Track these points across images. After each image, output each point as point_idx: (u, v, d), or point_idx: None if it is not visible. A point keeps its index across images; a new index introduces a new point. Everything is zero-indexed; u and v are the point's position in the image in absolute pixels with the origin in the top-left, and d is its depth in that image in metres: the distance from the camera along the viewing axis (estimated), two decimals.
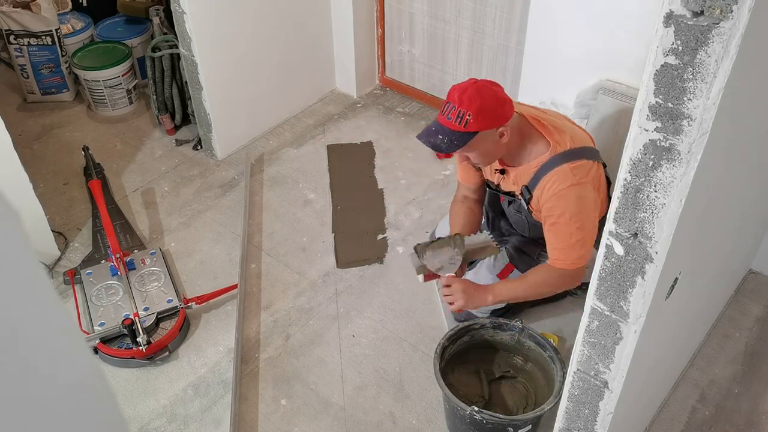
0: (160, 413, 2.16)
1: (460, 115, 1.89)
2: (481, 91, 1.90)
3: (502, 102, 1.92)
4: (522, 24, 2.79)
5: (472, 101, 1.88)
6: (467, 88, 1.92)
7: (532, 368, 2.12)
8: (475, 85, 1.92)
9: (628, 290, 1.23)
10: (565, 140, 1.98)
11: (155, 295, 2.44)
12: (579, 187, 1.94)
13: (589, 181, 1.96)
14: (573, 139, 1.99)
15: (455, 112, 1.90)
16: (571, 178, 1.93)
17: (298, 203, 2.93)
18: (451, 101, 1.93)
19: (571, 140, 1.98)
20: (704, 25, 0.92)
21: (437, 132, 1.94)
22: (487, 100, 1.89)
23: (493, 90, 1.93)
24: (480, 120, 1.89)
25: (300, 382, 2.24)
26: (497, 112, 1.91)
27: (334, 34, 3.41)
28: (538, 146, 2.01)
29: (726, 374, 2.23)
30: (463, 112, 1.89)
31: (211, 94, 2.96)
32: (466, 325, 2.09)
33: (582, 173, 1.95)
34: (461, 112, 1.89)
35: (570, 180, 1.93)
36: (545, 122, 2.02)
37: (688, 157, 1.03)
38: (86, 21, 3.70)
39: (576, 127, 2.11)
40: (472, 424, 1.88)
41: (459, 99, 1.90)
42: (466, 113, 1.88)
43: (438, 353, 1.98)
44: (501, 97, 1.93)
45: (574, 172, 1.94)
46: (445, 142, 1.92)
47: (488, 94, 1.91)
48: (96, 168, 3.03)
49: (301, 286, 2.56)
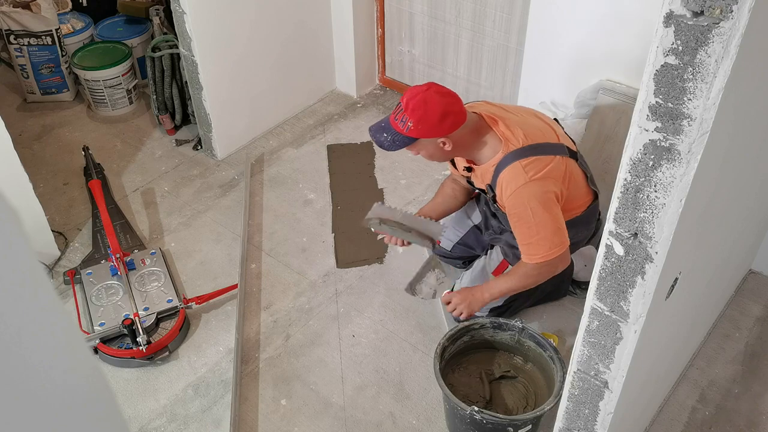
0: (160, 413, 2.16)
1: (403, 120, 1.96)
2: (427, 102, 1.94)
3: (443, 116, 1.94)
4: (522, 24, 2.79)
5: (416, 110, 1.94)
6: (417, 94, 1.96)
7: (532, 368, 2.12)
8: (425, 94, 1.95)
9: (628, 290, 1.23)
10: (518, 137, 2.00)
11: (155, 295, 2.44)
12: (534, 183, 1.95)
13: (546, 176, 1.97)
14: (527, 136, 2.00)
15: (401, 116, 1.97)
16: (523, 176, 1.95)
17: (298, 203, 2.93)
18: (401, 102, 1.99)
19: (524, 137, 2.00)
20: (704, 25, 0.92)
21: (384, 129, 2.02)
22: (429, 112, 1.93)
23: (440, 102, 1.94)
24: (419, 129, 1.95)
25: (300, 382, 2.24)
26: (436, 125, 1.94)
27: (334, 34, 3.41)
28: (493, 146, 2.03)
29: (726, 374, 2.23)
30: (407, 118, 1.95)
31: (211, 94, 2.96)
32: (466, 325, 2.09)
33: (535, 169, 1.96)
34: (405, 117, 1.96)
35: (523, 178, 1.95)
36: (500, 121, 2.03)
37: (688, 157, 1.03)
38: (86, 21, 3.70)
39: (540, 123, 2.10)
40: (472, 424, 1.88)
41: (406, 104, 1.96)
42: (409, 120, 1.95)
43: (438, 353, 1.98)
44: (446, 111, 1.94)
45: (526, 169, 1.95)
46: (388, 140, 2.00)
47: (433, 106, 1.93)
48: (96, 168, 3.03)
49: (301, 286, 2.56)
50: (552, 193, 1.98)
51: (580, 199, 2.12)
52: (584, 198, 2.14)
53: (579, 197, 2.12)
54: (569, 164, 2.04)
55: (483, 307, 2.24)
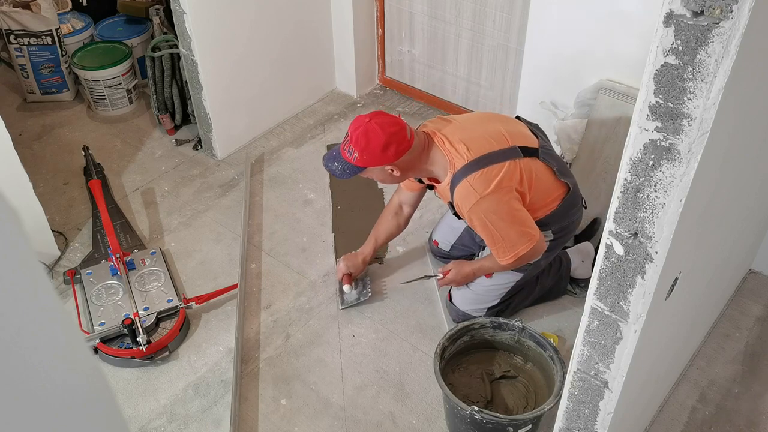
0: (160, 413, 2.16)
1: (350, 150, 2.03)
2: (369, 134, 1.99)
3: (386, 146, 1.99)
4: (522, 24, 2.79)
5: (359, 141, 2.01)
6: (360, 125, 2.02)
7: (532, 368, 2.12)
8: (366, 125, 2.01)
9: (628, 290, 1.23)
10: (462, 153, 2.03)
11: (155, 295, 2.44)
12: (485, 199, 1.99)
13: (498, 187, 1.99)
14: (471, 150, 2.02)
15: (347, 146, 2.04)
16: (474, 194, 1.99)
17: (298, 203, 2.93)
18: (348, 132, 2.06)
19: (468, 151, 2.02)
20: (704, 25, 0.92)
21: (335, 158, 2.09)
22: (371, 144, 1.99)
23: (382, 133, 1.99)
24: (365, 158, 2.02)
25: (300, 382, 2.24)
26: (380, 155, 2.00)
27: (334, 33, 3.41)
28: (443, 165, 2.07)
29: (726, 374, 2.23)
30: (352, 148, 2.02)
31: (211, 94, 2.96)
32: (466, 325, 2.09)
33: (485, 182, 1.99)
34: (351, 148, 2.03)
35: (474, 196, 2.00)
36: (444, 139, 2.07)
37: (688, 156, 1.03)
38: (86, 21, 3.70)
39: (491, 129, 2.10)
40: (472, 423, 1.88)
41: (351, 134, 2.03)
42: (354, 150, 2.02)
43: (438, 353, 1.98)
44: (387, 142, 1.99)
45: (475, 186, 1.99)
46: (339, 169, 2.08)
47: (374, 137, 1.99)
48: (96, 168, 3.03)
49: (302, 286, 2.56)
50: (506, 202, 2.01)
51: (550, 195, 2.14)
52: (556, 192, 2.15)
53: (548, 193, 2.13)
54: (526, 164, 2.04)
55: (477, 302, 2.31)
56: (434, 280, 2.47)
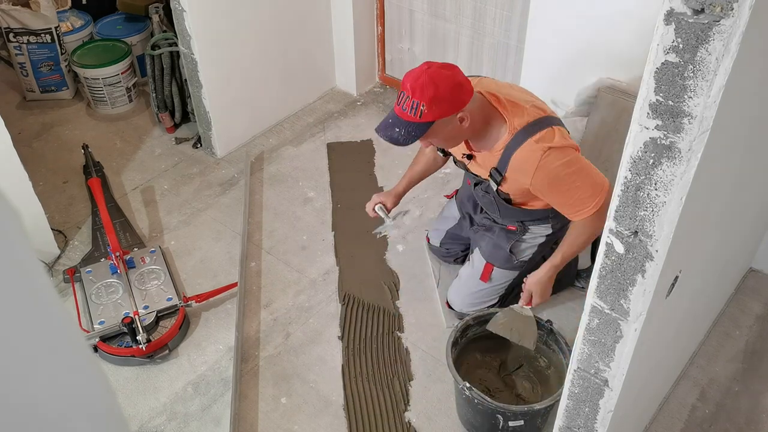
0: (160, 411, 2.16)
1: (414, 106, 1.82)
2: (435, 78, 1.81)
3: (458, 87, 1.83)
4: (522, 22, 2.79)
5: (425, 90, 1.80)
6: (420, 75, 1.82)
7: (552, 372, 2.11)
8: (428, 72, 1.82)
9: (629, 288, 1.23)
10: (523, 115, 1.92)
11: (155, 294, 2.44)
12: (551, 151, 1.88)
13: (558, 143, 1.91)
14: (530, 112, 1.94)
15: (409, 103, 1.83)
16: (540, 150, 1.88)
17: (297, 201, 2.93)
18: (404, 91, 1.85)
19: (528, 113, 1.93)
20: (705, 23, 0.91)
21: (394, 125, 1.88)
22: (441, 88, 1.81)
23: (448, 74, 1.83)
24: (435, 109, 1.82)
25: (300, 380, 2.24)
26: (453, 98, 1.82)
27: (334, 31, 3.40)
28: (498, 127, 1.95)
29: (726, 372, 2.23)
30: (417, 102, 1.81)
31: (210, 92, 2.96)
32: (492, 312, 2.10)
33: (547, 141, 1.90)
34: (415, 103, 1.82)
35: (540, 152, 1.88)
36: (502, 98, 1.95)
37: (688, 155, 1.03)
38: (85, 19, 3.69)
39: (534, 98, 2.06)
40: (466, 402, 1.91)
41: (412, 88, 1.82)
42: (420, 103, 1.81)
43: (460, 329, 2.02)
44: (457, 82, 1.83)
45: (540, 143, 1.89)
46: (402, 134, 1.87)
47: (442, 80, 1.81)
48: (95, 166, 3.03)
49: (301, 285, 2.56)
50: (570, 150, 1.91)
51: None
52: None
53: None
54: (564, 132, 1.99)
55: (476, 303, 2.30)
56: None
